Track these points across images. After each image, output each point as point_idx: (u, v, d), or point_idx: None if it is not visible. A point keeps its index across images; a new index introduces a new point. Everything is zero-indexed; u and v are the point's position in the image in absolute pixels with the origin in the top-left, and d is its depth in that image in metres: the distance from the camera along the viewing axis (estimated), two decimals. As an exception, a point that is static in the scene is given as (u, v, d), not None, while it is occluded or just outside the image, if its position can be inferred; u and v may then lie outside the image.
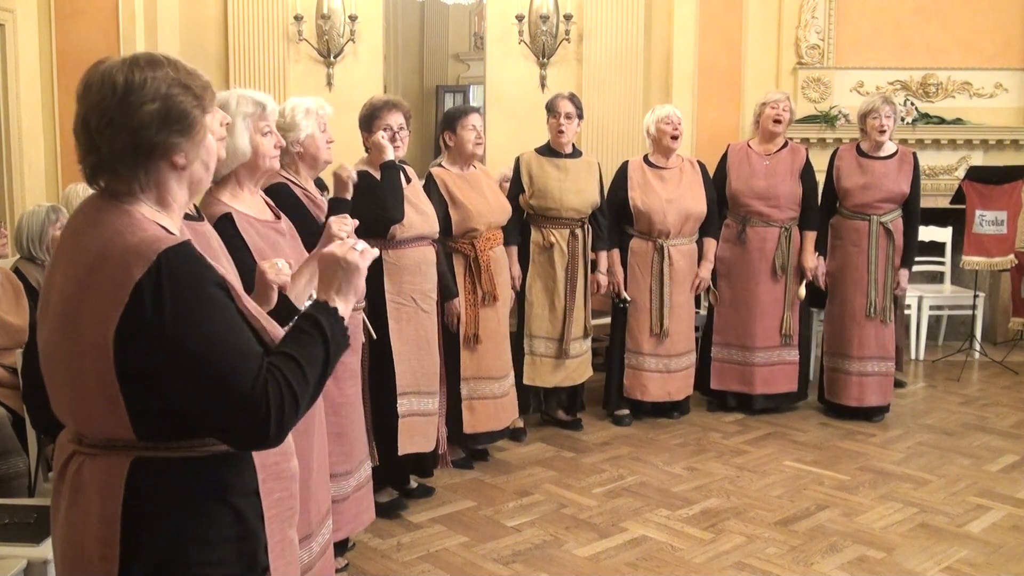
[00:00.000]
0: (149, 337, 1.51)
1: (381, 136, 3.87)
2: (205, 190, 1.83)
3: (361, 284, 1.75)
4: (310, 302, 1.75)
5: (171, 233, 1.61)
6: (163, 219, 1.63)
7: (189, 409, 1.56)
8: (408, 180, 4.07)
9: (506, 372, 4.66)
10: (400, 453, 3.99)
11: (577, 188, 5.00)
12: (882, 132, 5.22)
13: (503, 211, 4.65)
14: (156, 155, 1.60)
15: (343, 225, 2.69)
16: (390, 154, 3.85)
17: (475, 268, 4.46)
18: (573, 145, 5.10)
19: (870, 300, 5.27)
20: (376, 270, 3.84)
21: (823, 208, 5.45)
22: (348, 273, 1.72)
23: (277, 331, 1.69)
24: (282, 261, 2.23)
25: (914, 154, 5.33)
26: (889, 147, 5.30)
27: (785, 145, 5.48)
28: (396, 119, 3.96)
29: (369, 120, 3.96)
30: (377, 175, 3.86)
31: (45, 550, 2.64)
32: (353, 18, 6.66)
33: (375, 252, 1.78)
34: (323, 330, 1.65)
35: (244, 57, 6.57)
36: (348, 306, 1.72)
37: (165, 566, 1.59)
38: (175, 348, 1.52)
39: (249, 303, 1.68)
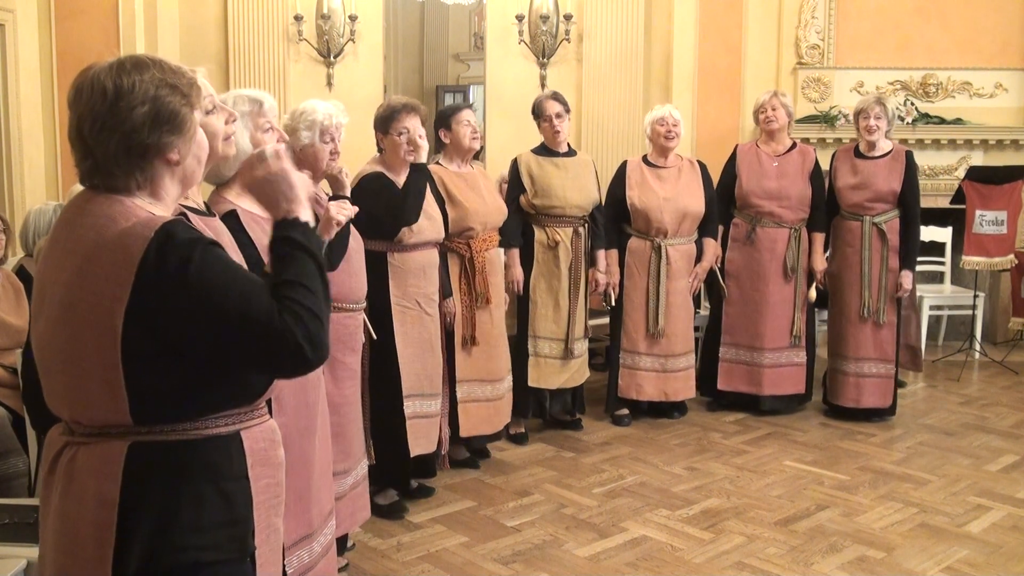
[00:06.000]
0: (164, 305, 1.55)
1: (419, 137, 3.86)
2: (196, 183, 1.84)
3: (300, 177, 1.75)
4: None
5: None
6: (155, 208, 1.68)
7: (227, 356, 1.60)
8: None
9: (501, 375, 4.63)
10: (412, 455, 3.99)
11: (579, 185, 4.99)
12: (871, 132, 5.22)
13: (500, 212, 4.62)
14: (150, 155, 1.65)
15: (342, 209, 2.68)
16: (423, 156, 3.85)
17: (470, 269, 4.44)
18: (567, 144, 5.10)
19: (863, 301, 5.27)
20: (380, 272, 3.84)
21: (826, 210, 5.44)
22: (286, 179, 1.72)
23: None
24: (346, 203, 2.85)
25: (907, 152, 5.30)
26: (884, 146, 5.30)
27: (794, 146, 5.47)
28: (414, 122, 3.93)
29: (386, 122, 3.94)
30: (390, 176, 3.86)
31: (45, 550, 2.64)
32: (353, 18, 6.66)
33: (283, 147, 1.77)
34: (301, 244, 1.68)
35: (244, 57, 6.57)
36: (306, 209, 1.73)
37: (158, 550, 1.61)
38: (192, 304, 1.55)
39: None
